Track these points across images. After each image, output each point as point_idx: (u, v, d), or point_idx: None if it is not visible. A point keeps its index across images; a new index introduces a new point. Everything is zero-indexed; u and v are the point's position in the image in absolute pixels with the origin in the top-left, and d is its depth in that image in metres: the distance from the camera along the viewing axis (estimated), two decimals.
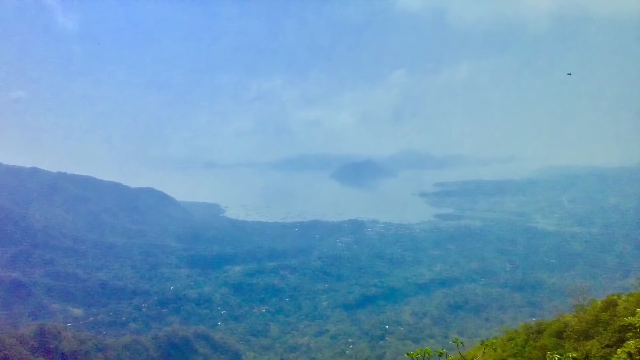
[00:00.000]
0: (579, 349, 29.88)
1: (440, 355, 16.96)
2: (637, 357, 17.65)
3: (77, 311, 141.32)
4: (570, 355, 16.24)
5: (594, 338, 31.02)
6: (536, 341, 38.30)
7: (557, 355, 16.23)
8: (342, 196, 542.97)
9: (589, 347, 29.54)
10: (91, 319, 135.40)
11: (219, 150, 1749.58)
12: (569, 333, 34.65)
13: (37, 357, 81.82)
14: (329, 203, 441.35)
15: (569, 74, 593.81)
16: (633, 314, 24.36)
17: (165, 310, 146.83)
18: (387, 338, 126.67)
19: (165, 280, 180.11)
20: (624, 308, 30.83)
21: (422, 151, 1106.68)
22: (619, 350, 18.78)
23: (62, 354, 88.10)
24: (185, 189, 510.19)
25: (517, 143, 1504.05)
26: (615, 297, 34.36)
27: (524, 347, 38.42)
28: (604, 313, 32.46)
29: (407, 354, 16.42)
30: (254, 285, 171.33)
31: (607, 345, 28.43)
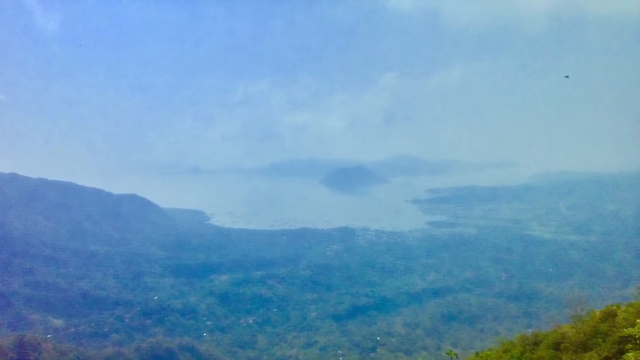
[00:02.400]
0: None
1: None
2: None
3: (58, 322, 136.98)
4: None
5: (592, 350, 30.14)
6: (533, 353, 37.29)
7: None
8: (331, 203, 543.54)
9: (587, 359, 28.72)
10: (72, 330, 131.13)
11: (205, 156, 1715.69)
12: (567, 344, 33.70)
13: None
14: (319, 210, 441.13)
15: (567, 77, 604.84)
16: (633, 325, 23.63)
17: (149, 321, 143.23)
18: (378, 350, 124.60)
19: (148, 290, 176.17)
20: (624, 319, 30.03)
21: (414, 156, 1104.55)
22: None
23: None
24: (169, 195, 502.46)
25: (513, 148, 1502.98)
26: (614, 307, 33.53)
27: (520, 359, 37.28)
28: (603, 324, 31.56)
29: None
30: (241, 295, 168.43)
31: (606, 357, 27.61)
